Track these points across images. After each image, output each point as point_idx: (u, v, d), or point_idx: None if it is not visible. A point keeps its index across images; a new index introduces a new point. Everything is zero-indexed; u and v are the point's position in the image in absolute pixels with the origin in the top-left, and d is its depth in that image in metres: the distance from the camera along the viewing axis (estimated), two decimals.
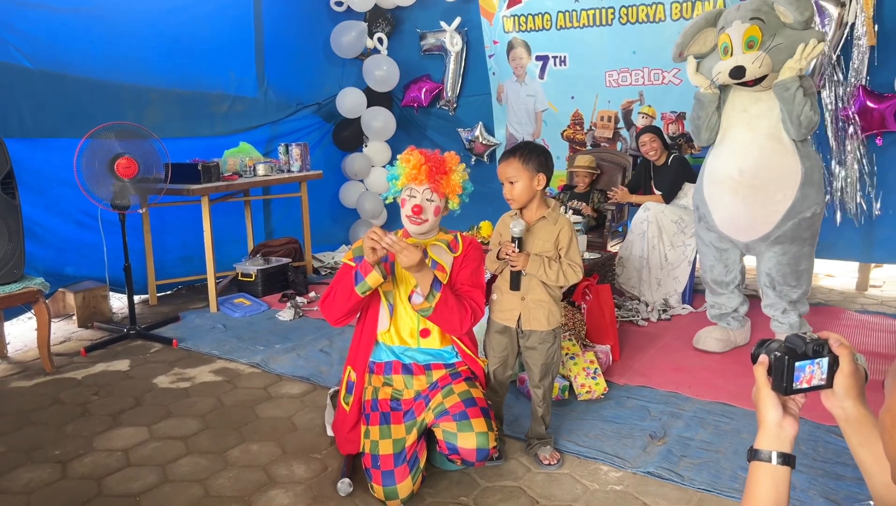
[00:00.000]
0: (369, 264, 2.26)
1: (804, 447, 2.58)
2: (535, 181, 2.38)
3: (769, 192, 3.27)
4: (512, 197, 2.41)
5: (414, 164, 2.35)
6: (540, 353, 2.47)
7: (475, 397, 2.35)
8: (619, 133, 5.30)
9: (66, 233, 4.38)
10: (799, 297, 3.46)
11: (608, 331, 3.46)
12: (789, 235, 3.32)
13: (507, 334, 2.51)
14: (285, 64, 5.75)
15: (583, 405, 2.98)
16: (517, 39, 5.51)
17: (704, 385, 3.19)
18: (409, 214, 2.38)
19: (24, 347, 3.88)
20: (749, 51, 3.14)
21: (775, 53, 3.12)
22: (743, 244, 3.49)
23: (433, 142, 6.27)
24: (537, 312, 2.44)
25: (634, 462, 2.50)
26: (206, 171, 4.36)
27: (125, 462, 2.57)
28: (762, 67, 3.12)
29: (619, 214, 4.72)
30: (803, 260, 3.40)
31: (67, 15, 4.26)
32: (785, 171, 3.25)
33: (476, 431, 2.23)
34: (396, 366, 2.47)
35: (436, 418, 2.29)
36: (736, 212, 3.39)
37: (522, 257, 2.35)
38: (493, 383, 2.58)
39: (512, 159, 2.40)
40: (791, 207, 3.26)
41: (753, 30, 3.13)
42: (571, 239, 2.42)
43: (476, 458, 2.24)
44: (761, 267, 3.49)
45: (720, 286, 3.65)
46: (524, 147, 2.43)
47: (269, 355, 3.64)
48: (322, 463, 2.54)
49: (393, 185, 2.41)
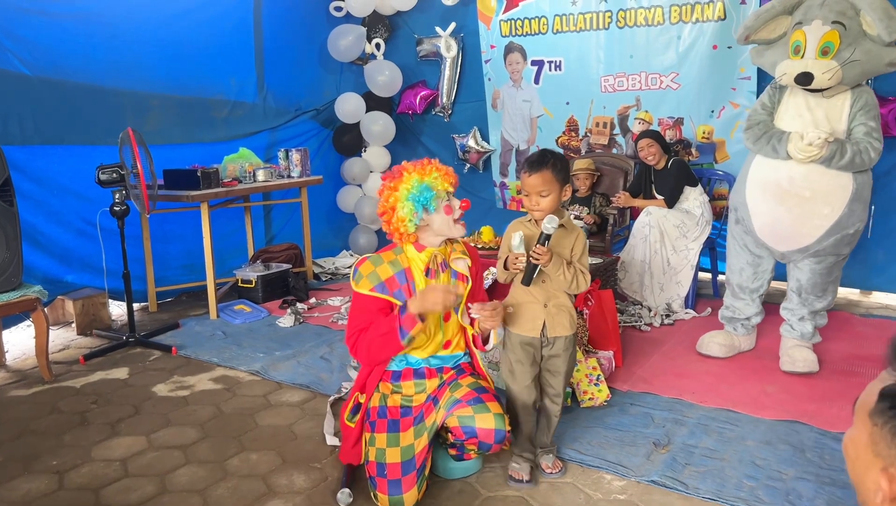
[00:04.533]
0: (413, 317, 2.17)
1: (810, 455, 2.56)
2: (563, 192, 2.33)
3: (817, 204, 3.11)
4: (540, 208, 2.29)
5: (439, 170, 2.27)
6: (563, 360, 2.41)
7: (485, 386, 2.36)
8: (614, 139, 5.26)
9: (66, 240, 4.36)
10: (822, 307, 3.38)
11: (611, 337, 3.44)
12: (829, 250, 3.20)
13: (530, 347, 2.41)
14: (285, 69, 5.73)
15: (585, 412, 2.96)
16: (514, 44, 5.50)
17: (708, 391, 3.16)
18: (458, 216, 2.32)
19: (23, 355, 3.86)
20: (822, 58, 2.93)
21: (849, 69, 2.93)
22: (779, 253, 3.36)
23: (427, 148, 6.25)
24: (561, 317, 2.39)
25: (638, 471, 2.47)
26: (206, 177, 4.35)
27: (123, 472, 2.54)
28: (832, 80, 2.94)
29: (621, 218, 4.69)
30: (834, 271, 3.31)
31: (67, 21, 4.24)
32: (836, 185, 3.08)
33: (493, 412, 2.23)
34: (407, 373, 2.43)
35: (448, 410, 2.27)
36: (779, 220, 3.22)
37: (547, 254, 2.26)
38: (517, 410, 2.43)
39: (544, 171, 2.26)
40: (836, 223, 3.11)
41: (832, 35, 2.91)
42: (585, 247, 2.40)
43: (494, 439, 2.23)
44: (793, 273, 3.39)
45: (744, 291, 3.55)
46: (552, 157, 2.29)
47: (268, 363, 3.62)
48: (322, 473, 2.51)
49: (432, 202, 2.24)
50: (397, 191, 2.25)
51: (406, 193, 2.23)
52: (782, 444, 2.65)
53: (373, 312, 2.30)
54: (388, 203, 2.28)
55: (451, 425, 2.28)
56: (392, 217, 2.28)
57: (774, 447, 2.63)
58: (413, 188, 2.23)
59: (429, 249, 2.36)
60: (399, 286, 2.31)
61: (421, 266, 2.34)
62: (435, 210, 2.28)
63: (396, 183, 2.26)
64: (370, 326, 2.29)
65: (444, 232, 2.34)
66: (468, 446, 2.29)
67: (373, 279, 2.31)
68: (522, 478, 2.40)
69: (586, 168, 4.84)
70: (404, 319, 2.19)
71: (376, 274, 2.31)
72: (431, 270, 2.36)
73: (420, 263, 2.35)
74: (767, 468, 2.48)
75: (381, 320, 2.26)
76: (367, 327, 2.30)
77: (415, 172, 2.26)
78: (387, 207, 2.29)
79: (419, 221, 2.26)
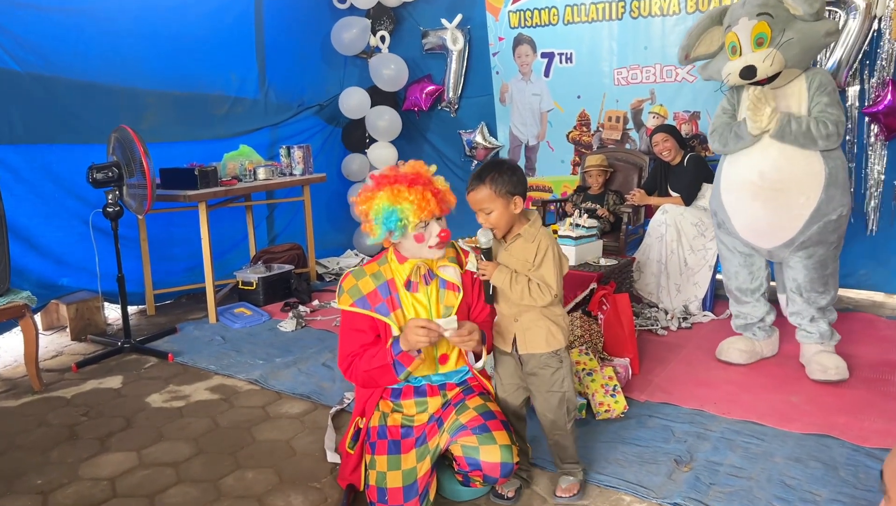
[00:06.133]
0: (409, 355, 2.06)
1: (843, 474, 2.39)
2: (511, 206, 2.13)
3: (792, 195, 3.07)
4: (491, 225, 2.14)
5: (414, 198, 2.04)
6: (542, 379, 2.23)
7: (493, 410, 2.18)
8: (627, 134, 5.08)
9: (61, 243, 4.20)
10: (827, 303, 3.26)
11: (627, 343, 3.27)
12: (815, 240, 3.12)
13: (511, 360, 2.28)
14: (287, 63, 5.57)
15: (601, 426, 2.79)
16: (523, 35, 5.31)
17: (731, 402, 2.98)
18: (434, 243, 2.12)
19: (14, 361, 3.72)
20: (759, 49, 2.97)
21: (787, 49, 2.95)
22: (766, 251, 3.29)
23: (433, 145, 6.09)
24: (533, 333, 2.20)
25: (659, 491, 2.30)
26: (204, 175, 4.19)
27: (111, 493, 2.39)
28: (774, 65, 2.95)
29: (635, 217, 4.50)
30: (829, 264, 3.21)
31: (58, 15, 4.08)
32: (808, 172, 3.05)
33: (499, 443, 2.06)
34: (407, 391, 2.26)
35: (451, 436, 2.10)
36: (757, 217, 3.19)
37: (491, 266, 2.14)
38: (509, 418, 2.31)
39: (481, 187, 2.10)
40: (816, 210, 3.06)
41: (762, 26, 2.96)
42: (546, 255, 2.15)
43: (500, 473, 2.06)
44: (787, 273, 3.29)
45: (745, 294, 3.44)
46: (491, 169, 2.12)
47: (268, 371, 3.46)
48: (321, 493, 2.36)
49: (397, 228, 2.05)
50: (372, 201, 2.08)
51: (374, 213, 2.07)
52: (813, 461, 2.48)
53: (361, 332, 2.17)
54: (360, 209, 2.13)
55: (454, 454, 2.12)
56: (365, 221, 2.13)
57: (805, 465, 2.45)
58: (380, 211, 2.05)
59: (411, 261, 2.19)
60: (382, 300, 2.16)
61: (403, 279, 2.19)
62: (402, 236, 2.10)
63: (373, 193, 2.08)
64: (362, 350, 2.16)
65: (414, 254, 2.17)
66: (473, 477, 2.13)
67: (354, 294, 2.17)
68: (504, 494, 2.25)
69: (599, 164, 4.66)
70: (401, 356, 2.05)
71: (357, 288, 2.18)
72: (413, 282, 2.18)
73: (403, 275, 2.19)
74: (798, 489, 2.30)
75: (375, 352, 2.13)
76: (359, 352, 2.16)
77: (388, 195, 2.04)
78: (360, 211, 2.13)
79: (397, 237, 2.10)
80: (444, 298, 2.20)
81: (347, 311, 2.19)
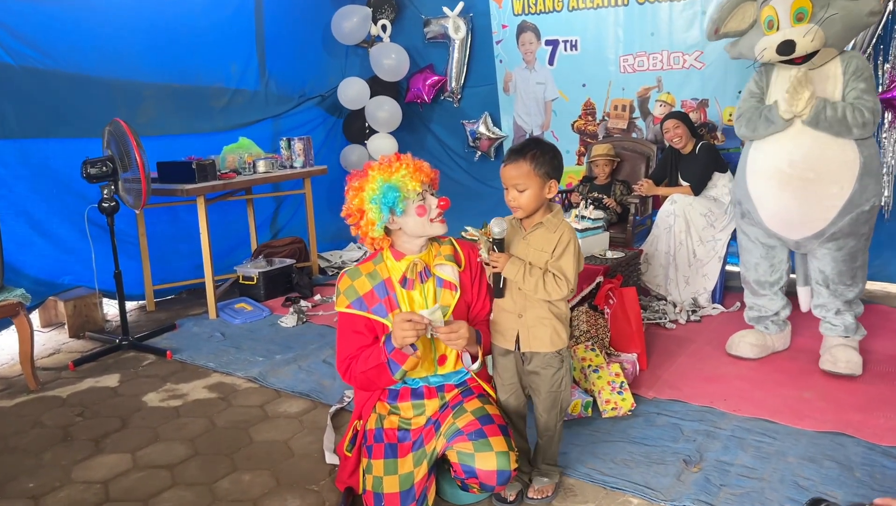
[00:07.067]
0: (403, 352, 1.99)
1: (860, 474, 2.30)
2: (546, 189, 2.04)
3: (824, 184, 2.93)
4: (518, 205, 2.06)
5: (408, 167, 2.04)
6: (544, 379, 2.15)
7: (491, 414, 2.09)
8: (634, 123, 4.97)
9: (58, 239, 4.13)
10: (855, 296, 3.14)
11: (634, 338, 3.18)
12: (846, 231, 2.99)
13: (511, 358, 2.20)
14: (288, 54, 5.49)
15: (608, 424, 2.70)
16: (527, 23, 5.20)
17: (741, 398, 2.90)
18: (435, 215, 2.07)
19: (11, 359, 3.66)
20: (798, 24, 2.81)
21: (829, 26, 2.79)
22: (793, 242, 3.16)
23: (436, 136, 6.00)
24: (538, 331, 2.12)
25: (668, 493, 2.22)
26: (202, 169, 4.11)
27: (104, 497, 2.33)
28: (815, 41, 2.79)
29: (643, 207, 4.40)
30: (859, 256, 3.08)
31: (52, 6, 4.00)
32: (841, 161, 2.90)
33: (496, 450, 1.97)
34: (405, 393, 2.19)
35: (448, 440, 2.03)
36: (786, 207, 3.05)
37: (503, 258, 2.05)
38: (510, 417, 2.25)
39: (521, 162, 2.02)
40: (849, 201, 2.92)
41: (804, 0, 2.79)
42: (567, 248, 2.07)
43: (497, 481, 1.98)
44: (813, 264, 3.17)
45: (763, 287, 3.32)
46: (534, 146, 2.04)
47: (268, 368, 3.40)
48: (319, 497, 2.29)
49: (399, 203, 2.02)
50: (363, 191, 2.03)
51: (370, 195, 2.01)
52: (827, 460, 2.39)
53: (359, 334, 2.10)
54: (353, 205, 2.06)
55: (451, 460, 2.04)
56: (359, 220, 2.07)
57: (819, 464, 2.37)
58: (377, 190, 2.01)
59: (408, 257, 2.12)
60: (379, 300, 2.10)
61: (399, 277, 2.12)
62: (404, 212, 2.04)
63: (362, 183, 2.04)
64: (359, 352, 2.09)
65: (420, 233, 2.10)
66: (469, 484, 2.05)
67: (350, 295, 2.11)
68: (507, 497, 2.18)
69: (605, 154, 4.55)
70: (394, 354, 1.97)
71: (354, 289, 2.11)
72: (409, 280, 2.11)
73: (399, 273, 2.12)
74: (813, 490, 2.22)
75: (370, 352, 2.05)
76: (356, 355, 2.09)
77: (379, 172, 2.03)
78: (352, 210, 2.08)
79: (387, 223, 2.05)
80: (441, 297, 2.13)
81: (344, 313, 2.13)
